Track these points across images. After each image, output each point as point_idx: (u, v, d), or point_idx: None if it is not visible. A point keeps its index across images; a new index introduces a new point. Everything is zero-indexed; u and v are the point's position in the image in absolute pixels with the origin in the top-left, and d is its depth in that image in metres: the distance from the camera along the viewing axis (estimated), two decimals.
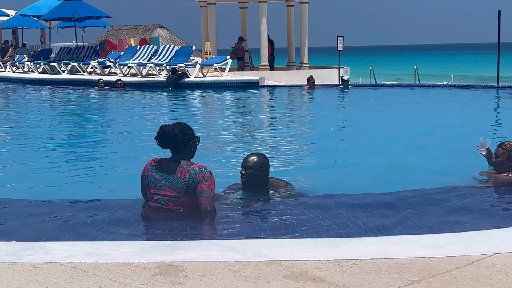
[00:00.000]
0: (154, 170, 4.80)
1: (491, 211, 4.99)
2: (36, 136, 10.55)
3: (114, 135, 10.61)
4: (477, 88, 19.10)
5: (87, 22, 29.79)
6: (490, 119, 12.22)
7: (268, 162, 5.45)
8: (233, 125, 11.93)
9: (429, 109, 13.88)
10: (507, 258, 3.50)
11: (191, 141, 4.82)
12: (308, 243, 3.88)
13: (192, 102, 17.47)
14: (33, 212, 5.03)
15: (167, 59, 22.19)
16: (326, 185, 6.33)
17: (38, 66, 26.55)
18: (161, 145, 4.78)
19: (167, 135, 4.70)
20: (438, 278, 3.22)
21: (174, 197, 4.72)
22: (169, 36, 39.92)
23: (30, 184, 6.68)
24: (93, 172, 7.35)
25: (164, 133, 4.71)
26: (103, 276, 3.29)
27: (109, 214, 4.98)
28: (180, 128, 4.77)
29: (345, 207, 5.07)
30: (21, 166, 7.77)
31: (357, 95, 18.05)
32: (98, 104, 17.54)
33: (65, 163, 8.04)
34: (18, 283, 3.22)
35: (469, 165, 6.88)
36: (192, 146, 4.86)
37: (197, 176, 4.69)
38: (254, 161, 5.38)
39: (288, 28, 27.37)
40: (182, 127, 4.79)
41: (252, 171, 5.34)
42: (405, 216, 4.90)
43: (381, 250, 3.66)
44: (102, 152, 8.95)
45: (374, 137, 9.42)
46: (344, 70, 24.03)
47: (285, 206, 5.17)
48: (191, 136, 4.82)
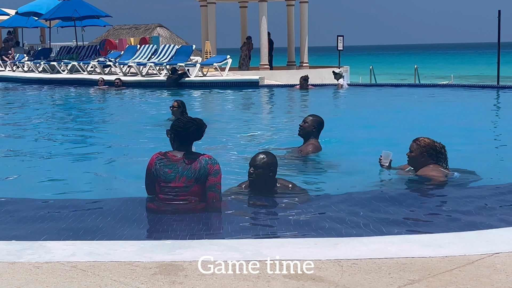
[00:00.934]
0: (162, 164, 4.87)
1: (491, 210, 4.98)
2: (35, 136, 10.55)
3: (114, 134, 10.61)
4: (477, 87, 19.10)
5: (87, 21, 29.77)
6: (489, 119, 12.23)
7: (277, 162, 5.44)
8: (233, 124, 11.93)
9: (428, 109, 13.88)
10: (507, 257, 3.50)
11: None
12: (308, 243, 3.88)
13: (192, 101, 17.47)
14: (33, 212, 5.03)
15: (167, 58, 22.19)
16: (326, 185, 6.33)
17: (38, 66, 26.55)
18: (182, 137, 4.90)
19: (201, 128, 4.94)
20: (438, 277, 3.22)
21: (184, 187, 4.82)
22: (169, 36, 39.93)
23: (30, 184, 6.67)
24: (93, 171, 7.34)
25: (198, 126, 4.93)
26: (103, 276, 3.29)
27: (109, 213, 4.98)
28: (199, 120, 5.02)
29: (345, 207, 5.07)
30: (20, 166, 7.76)
31: (353, 94, 18.05)
32: (97, 103, 17.53)
33: (65, 162, 8.03)
34: (18, 282, 3.21)
35: (469, 165, 6.88)
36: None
37: (209, 167, 4.84)
38: (263, 161, 5.31)
39: (288, 28, 27.37)
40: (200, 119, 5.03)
41: (261, 171, 5.30)
42: (405, 215, 4.90)
43: (381, 250, 3.66)
44: (101, 151, 8.94)
45: (374, 136, 9.41)
46: (343, 70, 24.03)
47: (285, 205, 5.17)
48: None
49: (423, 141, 6.01)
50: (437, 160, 5.99)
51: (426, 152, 5.96)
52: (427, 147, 5.97)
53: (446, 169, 6.01)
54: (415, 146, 6.02)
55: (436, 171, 5.89)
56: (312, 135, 7.47)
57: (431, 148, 5.97)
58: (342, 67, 24.05)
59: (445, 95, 16.84)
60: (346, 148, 8.44)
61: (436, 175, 5.85)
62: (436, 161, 5.98)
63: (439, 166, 5.98)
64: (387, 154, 6.31)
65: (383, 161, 6.32)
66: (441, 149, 6.03)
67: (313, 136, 7.47)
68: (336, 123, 11.90)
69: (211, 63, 21.76)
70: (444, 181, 5.86)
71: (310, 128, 7.46)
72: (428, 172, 5.90)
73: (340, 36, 23.51)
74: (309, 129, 7.46)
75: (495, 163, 7.50)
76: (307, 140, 7.49)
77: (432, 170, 5.91)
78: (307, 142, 7.48)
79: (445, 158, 6.04)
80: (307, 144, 7.46)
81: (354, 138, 9.55)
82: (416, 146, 6.01)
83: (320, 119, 7.54)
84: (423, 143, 5.99)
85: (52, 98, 19.41)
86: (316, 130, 7.49)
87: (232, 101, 17.36)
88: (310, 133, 7.46)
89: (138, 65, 22.39)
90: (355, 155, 7.89)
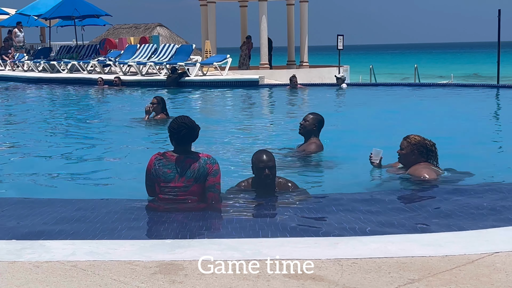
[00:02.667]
0: (161, 164, 4.90)
1: (491, 210, 4.98)
2: (35, 135, 10.54)
3: (114, 133, 10.60)
4: (477, 87, 19.09)
5: (87, 20, 29.75)
6: (489, 118, 12.23)
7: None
8: (233, 123, 11.92)
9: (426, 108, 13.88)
10: (507, 257, 3.50)
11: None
12: (308, 242, 3.88)
13: (192, 100, 17.47)
14: (33, 211, 5.03)
15: (167, 57, 22.19)
16: (325, 184, 6.33)
17: (38, 65, 26.54)
18: (176, 139, 4.91)
19: (194, 131, 4.90)
20: (438, 277, 3.22)
21: (184, 187, 4.84)
22: (169, 35, 39.94)
23: (30, 183, 6.67)
24: (93, 170, 7.34)
25: (189, 128, 4.88)
26: (103, 275, 3.29)
27: (109, 212, 4.98)
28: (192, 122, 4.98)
29: (345, 206, 5.07)
30: (20, 165, 7.76)
31: (349, 94, 18.05)
32: (96, 102, 17.53)
33: (65, 161, 8.03)
34: (18, 281, 3.22)
35: (469, 164, 6.88)
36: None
37: (208, 166, 4.86)
38: (273, 159, 5.29)
39: (288, 27, 27.37)
40: (192, 121, 4.99)
41: (275, 170, 5.31)
42: (405, 215, 4.90)
43: (381, 249, 3.66)
44: (101, 151, 8.94)
45: (373, 136, 9.41)
46: (343, 69, 24.02)
47: (285, 205, 5.17)
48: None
49: (413, 138, 5.99)
50: (428, 157, 5.97)
51: (417, 150, 5.94)
52: (418, 145, 5.95)
53: (436, 167, 6.00)
54: (405, 144, 6.01)
55: (428, 170, 5.87)
56: (313, 133, 7.46)
57: (422, 146, 5.96)
58: (342, 67, 24.03)
59: (445, 95, 16.84)
60: (347, 147, 8.43)
61: (429, 174, 5.84)
62: (427, 158, 5.97)
63: (430, 164, 5.96)
64: (377, 152, 6.31)
65: (373, 158, 6.32)
66: (432, 146, 6.00)
67: (313, 134, 7.47)
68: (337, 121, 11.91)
69: (211, 62, 21.75)
70: (438, 179, 5.85)
71: (311, 126, 7.46)
72: (421, 171, 5.87)
73: (340, 35, 23.47)
74: (309, 128, 7.46)
75: (495, 162, 7.49)
76: (308, 138, 7.48)
77: (424, 168, 5.88)
78: (308, 141, 7.48)
79: (435, 156, 6.02)
80: (309, 143, 7.46)
81: (354, 136, 9.55)
82: (406, 144, 6.00)
83: (321, 117, 7.54)
84: (413, 141, 5.97)
85: (52, 97, 19.41)
86: (316, 129, 7.49)
87: (232, 101, 17.35)
88: (311, 131, 7.46)
89: (138, 64, 22.39)
90: (357, 154, 7.87)
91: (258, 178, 5.32)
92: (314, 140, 7.45)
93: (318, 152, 7.42)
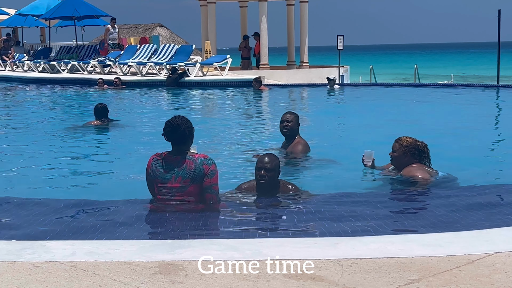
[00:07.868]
0: (158, 165, 4.91)
1: (491, 210, 4.98)
2: (35, 135, 10.54)
3: (114, 133, 10.61)
4: (477, 87, 19.09)
5: (87, 21, 29.74)
6: (489, 118, 12.22)
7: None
8: (233, 123, 11.93)
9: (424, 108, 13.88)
10: (507, 257, 3.50)
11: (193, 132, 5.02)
12: (308, 242, 3.88)
13: (192, 101, 17.46)
14: (33, 211, 5.03)
15: (167, 58, 22.19)
16: (325, 185, 6.32)
17: (38, 65, 26.54)
18: (168, 139, 4.93)
19: (177, 130, 4.87)
20: (438, 277, 3.22)
21: (181, 188, 4.84)
22: (169, 35, 39.90)
23: (30, 183, 6.68)
24: (93, 171, 7.34)
25: (173, 128, 4.88)
26: (103, 275, 3.29)
27: (109, 213, 4.99)
28: (184, 121, 4.96)
29: (345, 206, 5.07)
30: (20, 165, 7.76)
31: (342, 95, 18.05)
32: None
33: (65, 161, 8.02)
34: (18, 282, 3.22)
35: (468, 165, 6.88)
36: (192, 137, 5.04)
37: (204, 167, 4.84)
38: (274, 163, 5.28)
39: (288, 27, 27.34)
40: (186, 121, 4.98)
41: (273, 174, 5.29)
42: (405, 215, 4.91)
43: (381, 249, 3.66)
44: (101, 151, 8.94)
45: (372, 136, 9.41)
46: (343, 69, 24.01)
47: (285, 205, 5.17)
48: (193, 128, 5.03)
49: (405, 140, 5.97)
50: (420, 159, 5.96)
51: (409, 152, 5.93)
52: (410, 147, 5.93)
53: (429, 168, 5.99)
54: (397, 146, 5.99)
55: (422, 171, 5.86)
56: (297, 132, 7.42)
57: (414, 148, 5.94)
58: (342, 67, 24.03)
59: (445, 95, 16.84)
60: (343, 148, 8.43)
61: (424, 175, 5.83)
62: (419, 160, 5.96)
63: (423, 165, 5.95)
64: (369, 153, 6.30)
65: (366, 160, 6.32)
66: (424, 148, 5.99)
67: (298, 133, 7.41)
68: (337, 122, 11.91)
69: (211, 62, 21.75)
70: (433, 180, 5.84)
71: (296, 126, 7.38)
72: (415, 172, 5.86)
73: (340, 35, 23.45)
74: (295, 127, 7.37)
75: (494, 162, 7.50)
76: (293, 138, 7.38)
77: (417, 170, 5.87)
78: (294, 141, 7.36)
79: (427, 157, 6.00)
80: (295, 144, 7.34)
81: (347, 137, 9.56)
82: (398, 146, 5.98)
83: (296, 114, 7.51)
84: (405, 143, 5.95)
85: (52, 97, 19.40)
86: (299, 126, 7.46)
87: (231, 101, 17.35)
88: (296, 130, 7.40)
89: (138, 64, 22.39)
90: (351, 154, 7.87)
91: (254, 177, 5.35)
92: (300, 139, 7.36)
93: (306, 152, 7.35)
